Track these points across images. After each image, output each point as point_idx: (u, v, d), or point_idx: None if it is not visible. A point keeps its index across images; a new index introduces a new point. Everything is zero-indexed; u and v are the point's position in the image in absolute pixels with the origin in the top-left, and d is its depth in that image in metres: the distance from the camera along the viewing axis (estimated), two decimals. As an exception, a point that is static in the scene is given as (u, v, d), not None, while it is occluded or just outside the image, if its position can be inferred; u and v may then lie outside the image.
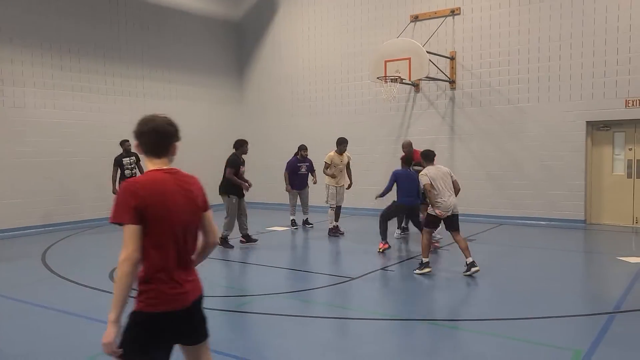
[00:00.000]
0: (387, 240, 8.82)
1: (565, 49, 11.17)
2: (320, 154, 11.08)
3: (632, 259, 8.04)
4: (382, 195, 8.77)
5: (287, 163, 11.42)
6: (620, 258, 8.12)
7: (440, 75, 12.35)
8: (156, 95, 13.89)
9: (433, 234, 7.79)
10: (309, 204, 11.67)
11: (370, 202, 10.63)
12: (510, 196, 11.84)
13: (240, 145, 9.25)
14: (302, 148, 11.42)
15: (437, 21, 12.50)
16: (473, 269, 6.96)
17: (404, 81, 11.38)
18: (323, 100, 14.65)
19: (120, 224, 2.51)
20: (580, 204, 11.18)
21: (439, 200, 7.09)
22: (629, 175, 11.03)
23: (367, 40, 13.54)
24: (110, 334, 2.47)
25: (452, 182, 7.29)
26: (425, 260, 7.25)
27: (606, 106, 10.85)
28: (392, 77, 11.21)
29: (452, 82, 12.50)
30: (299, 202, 11.55)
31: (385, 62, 11.35)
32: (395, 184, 8.56)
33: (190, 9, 14.83)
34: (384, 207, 9.07)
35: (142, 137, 2.66)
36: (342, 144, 10.39)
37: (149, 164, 2.68)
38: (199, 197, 2.75)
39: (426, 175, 7.15)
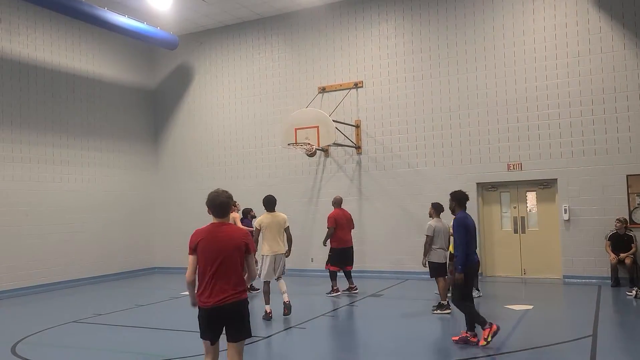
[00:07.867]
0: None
1: (455, 119, 12.56)
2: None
3: (517, 307, 8.95)
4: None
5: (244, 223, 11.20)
6: (508, 306, 9.01)
7: (347, 142, 13.33)
8: (73, 162, 13.54)
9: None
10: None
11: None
12: (411, 252, 12.57)
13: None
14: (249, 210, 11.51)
15: (342, 93, 13.62)
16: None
17: (313, 147, 12.17)
18: (238, 165, 15.13)
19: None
20: (475, 258, 12.22)
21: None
22: (515, 231, 12.31)
23: (279, 109, 14.39)
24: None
25: None
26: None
27: (492, 169, 12.21)
28: (302, 144, 11.98)
29: (358, 147, 13.51)
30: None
31: (296, 129, 12.13)
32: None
33: (103, 77, 14.94)
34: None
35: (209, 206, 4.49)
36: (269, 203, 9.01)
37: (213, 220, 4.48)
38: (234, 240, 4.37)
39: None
